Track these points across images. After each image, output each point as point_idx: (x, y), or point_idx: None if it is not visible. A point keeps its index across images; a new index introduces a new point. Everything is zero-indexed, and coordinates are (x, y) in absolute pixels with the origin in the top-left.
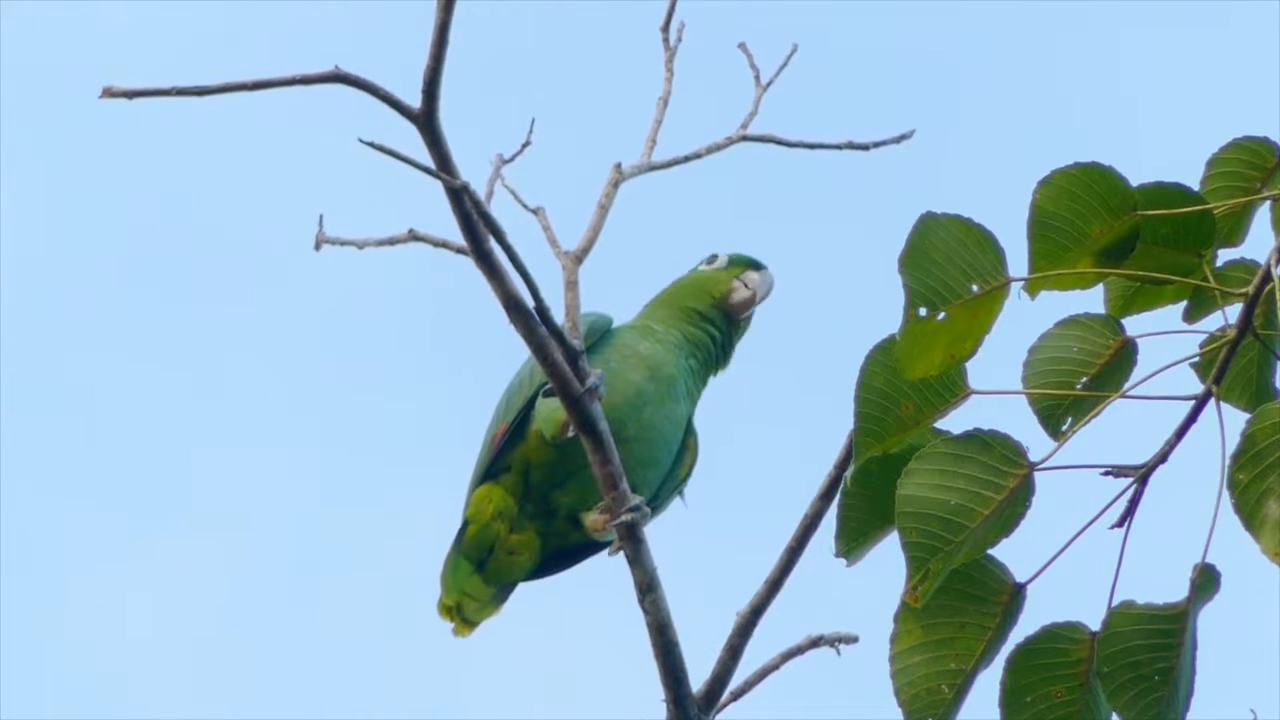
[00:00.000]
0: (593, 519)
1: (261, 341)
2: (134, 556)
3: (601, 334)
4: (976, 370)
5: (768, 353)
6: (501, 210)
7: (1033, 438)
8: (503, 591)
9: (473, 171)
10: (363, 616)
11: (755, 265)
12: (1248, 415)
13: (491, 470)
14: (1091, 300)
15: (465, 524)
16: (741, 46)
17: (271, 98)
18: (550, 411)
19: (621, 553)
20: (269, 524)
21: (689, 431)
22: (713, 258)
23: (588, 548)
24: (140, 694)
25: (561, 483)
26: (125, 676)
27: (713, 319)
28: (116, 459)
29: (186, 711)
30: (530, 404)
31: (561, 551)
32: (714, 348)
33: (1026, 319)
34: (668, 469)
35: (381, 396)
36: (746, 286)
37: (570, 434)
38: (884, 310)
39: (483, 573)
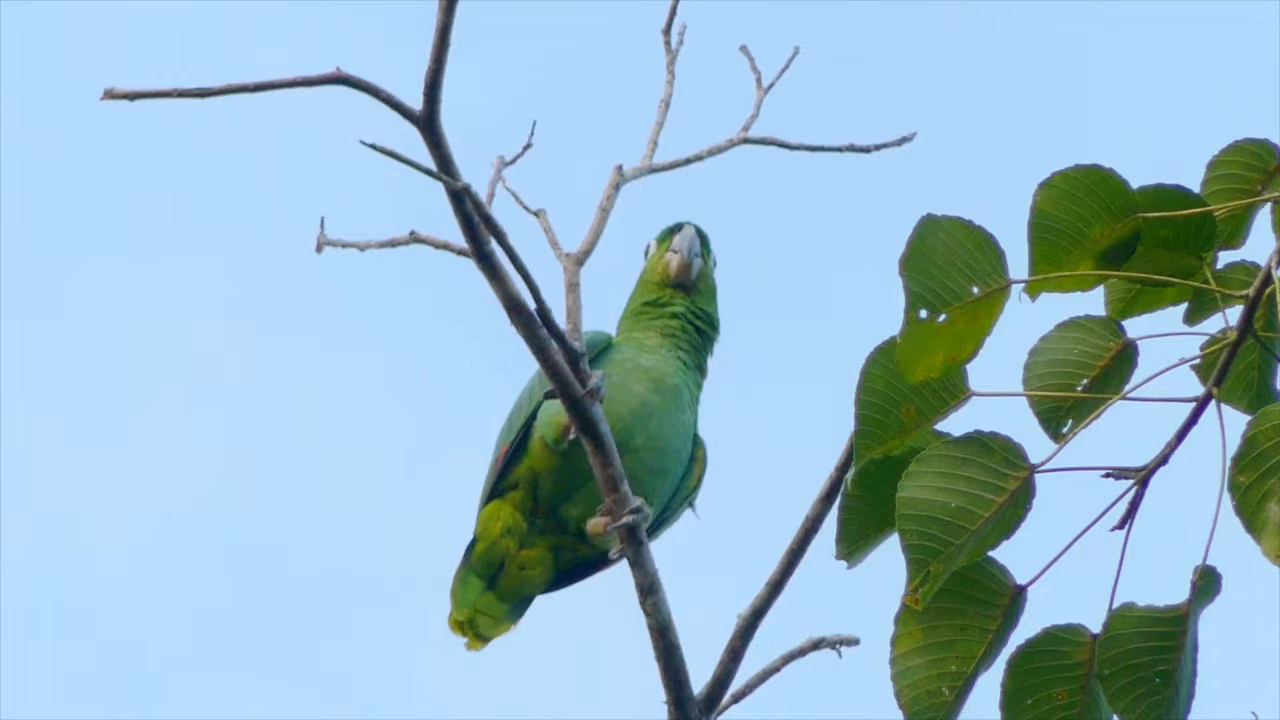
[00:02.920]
0: (594, 523)
1: (262, 342)
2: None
3: (601, 349)
4: (977, 372)
5: (769, 354)
6: (503, 212)
7: (1033, 440)
8: (519, 607)
9: (474, 174)
10: (363, 616)
11: (675, 229)
12: (1248, 417)
13: (498, 489)
14: (1092, 302)
15: (474, 541)
16: (743, 49)
17: (273, 100)
18: (551, 416)
19: (623, 555)
20: (269, 523)
21: (696, 443)
22: (646, 250)
23: (604, 560)
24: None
25: (569, 494)
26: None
27: (673, 301)
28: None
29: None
30: (531, 421)
31: (578, 565)
32: (693, 329)
33: (1027, 321)
34: (678, 479)
35: (381, 397)
36: (674, 252)
37: (572, 437)
38: (885, 313)
39: (495, 589)
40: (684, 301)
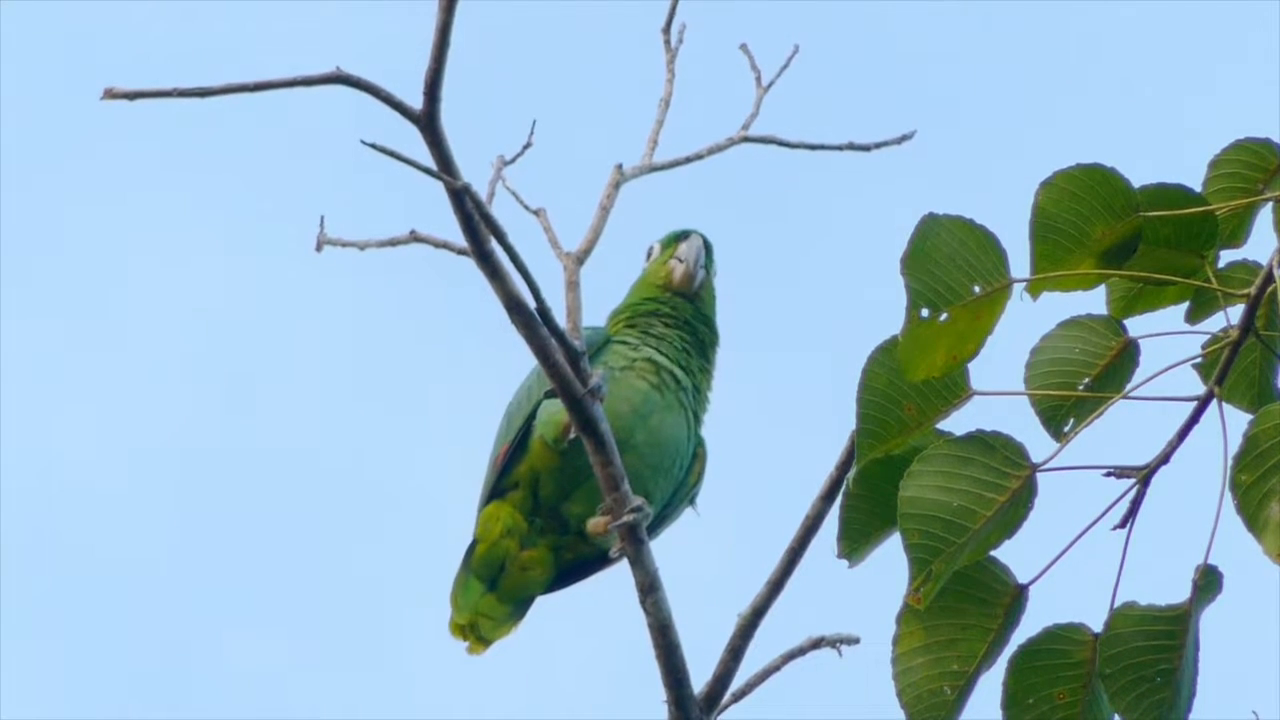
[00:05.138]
0: (594, 522)
1: (261, 341)
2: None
3: (599, 346)
4: (978, 371)
5: (770, 353)
6: (503, 211)
7: (1035, 439)
8: (520, 608)
9: (474, 173)
10: (360, 618)
11: (681, 236)
12: (1250, 416)
13: (498, 490)
14: (1093, 301)
15: (474, 543)
16: (743, 47)
17: (273, 99)
18: (551, 415)
19: (623, 554)
20: (269, 527)
21: (698, 441)
22: (649, 252)
23: (604, 559)
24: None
25: (569, 493)
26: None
27: (675, 305)
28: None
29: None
30: (530, 421)
31: (578, 564)
32: (695, 333)
33: (1028, 320)
34: (681, 476)
35: (381, 398)
36: (680, 260)
37: (572, 436)
38: (886, 312)
39: (496, 591)
40: (687, 307)
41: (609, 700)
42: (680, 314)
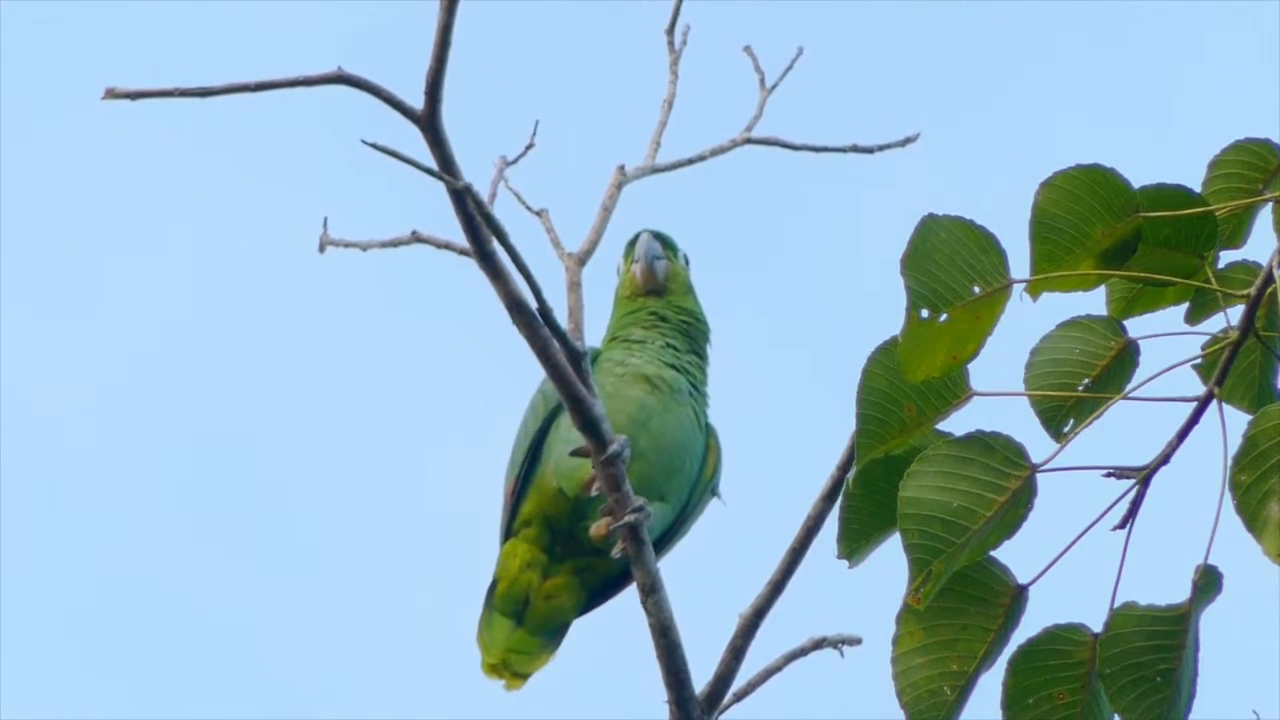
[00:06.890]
0: (597, 524)
1: (264, 344)
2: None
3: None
4: (978, 372)
5: (770, 353)
6: (505, 212)
7: (1035, 439)
8: (553, 637)
9: (476, 173)
10: (359, 620)
11: (633, 241)
12: (1249, 417)
13: (512, 529)
14: (1093, 302)
15: (494, 583)
16: (746, 49)
17: (274, 99)
18: (572, 470)
19: (625, 554)
20: (273, 526)
21: (709, 433)
22: (617, 270)
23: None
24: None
25: (584, 514)
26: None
27: (650, 307)
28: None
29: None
30: (531, 455)
31: (605, 583)
32: (680, 329)
33: (1028, 321)
34: (695, 474)
35: (382, 398)
36: (636, 261)
37: (594, 493)
38: (886, 312)
39: (524, 625)
40: (659, 303)
41: (610, 700)
42: (659, 315)
